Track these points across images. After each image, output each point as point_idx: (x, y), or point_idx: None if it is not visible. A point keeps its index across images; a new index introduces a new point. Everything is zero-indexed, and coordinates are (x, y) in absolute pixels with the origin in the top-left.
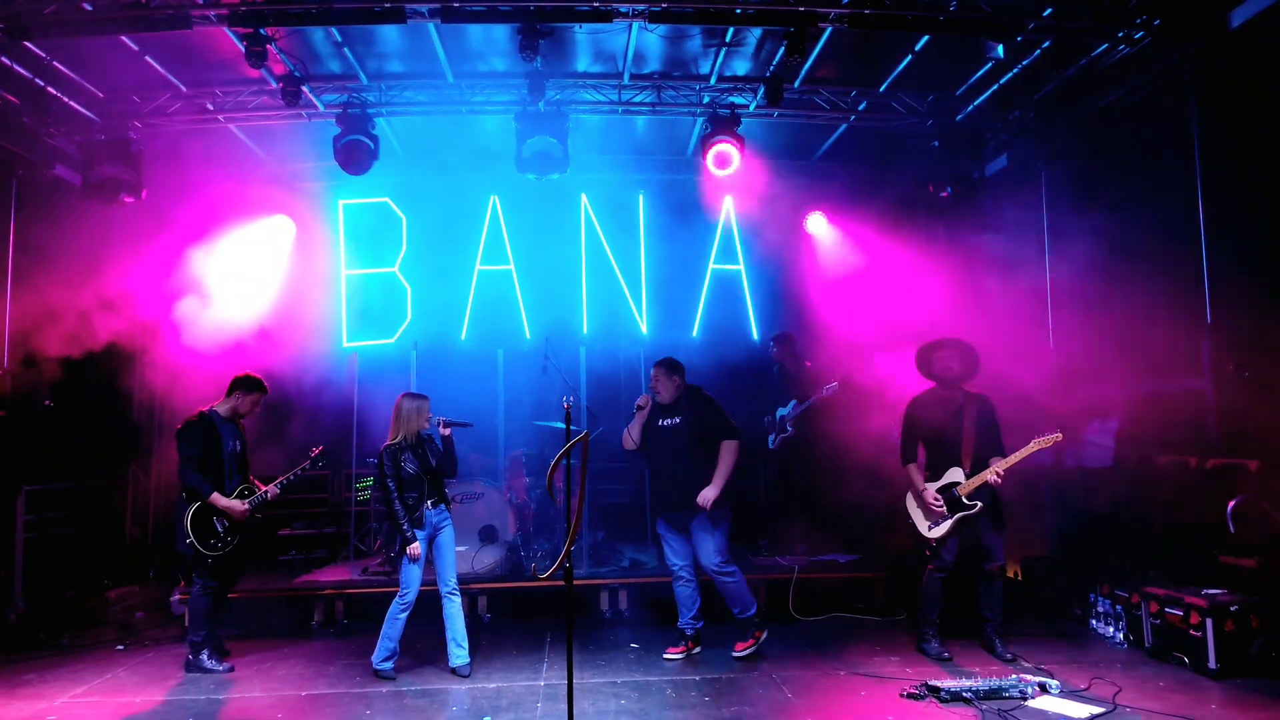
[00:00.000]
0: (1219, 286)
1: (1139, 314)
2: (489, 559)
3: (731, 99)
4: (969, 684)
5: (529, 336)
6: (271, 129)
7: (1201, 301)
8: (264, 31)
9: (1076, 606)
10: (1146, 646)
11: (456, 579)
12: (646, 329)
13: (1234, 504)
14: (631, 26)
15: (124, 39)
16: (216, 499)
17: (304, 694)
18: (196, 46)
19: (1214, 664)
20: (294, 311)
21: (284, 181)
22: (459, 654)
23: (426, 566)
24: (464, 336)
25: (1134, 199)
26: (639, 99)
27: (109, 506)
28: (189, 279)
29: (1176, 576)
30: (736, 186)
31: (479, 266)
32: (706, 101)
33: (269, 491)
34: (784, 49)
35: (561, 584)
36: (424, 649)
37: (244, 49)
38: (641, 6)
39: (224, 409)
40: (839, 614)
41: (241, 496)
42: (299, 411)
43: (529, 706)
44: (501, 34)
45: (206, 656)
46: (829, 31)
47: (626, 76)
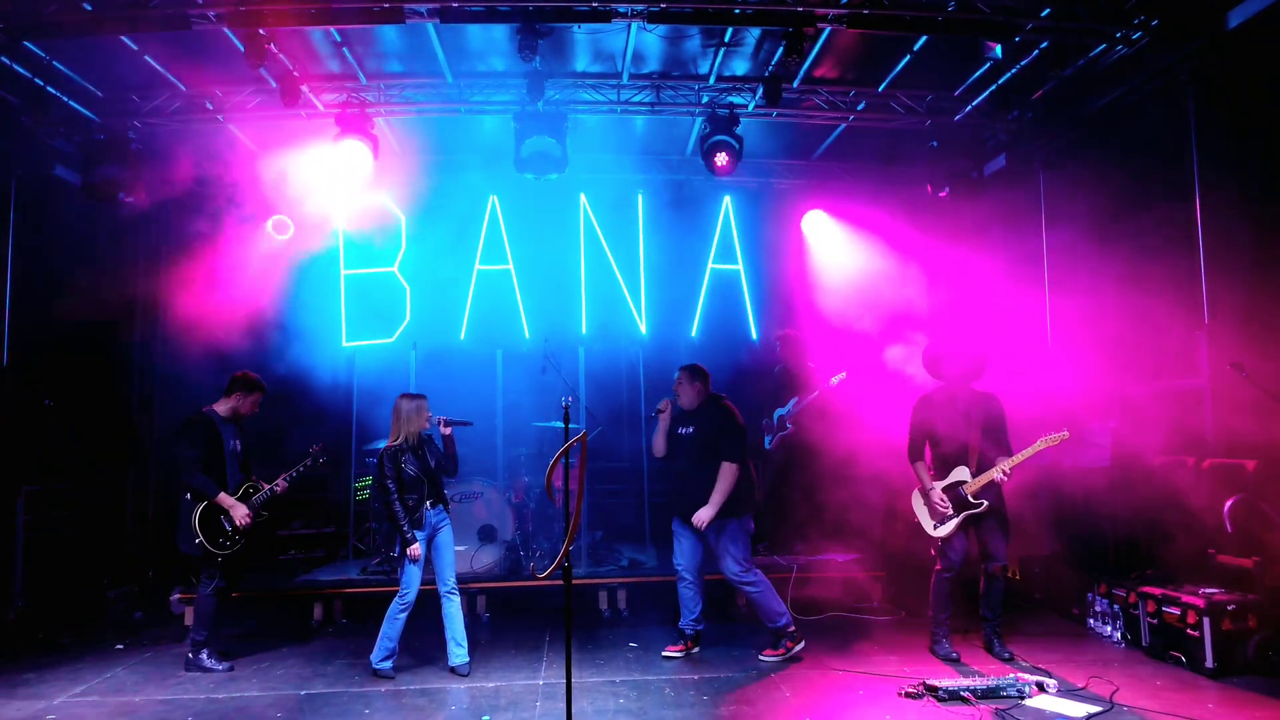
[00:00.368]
0: (1217, 286)
1: (1137, 314)
2: (488, 558)
3: (730, 99)
4: (967, 683)
5: (528, 336)
6: (271, 128)
7: (1199, 301)
8: (262, 31)
9: (1074, 605)
10: (1144, 645)
11: (455, 578)
12: (645, 329)
13: (1231, 503)
14: (630, 26)
15: (123, 39)
16: (223, 499)
17: (303, 693)
18: (196, 46)
19: (1211, 663)
20: (293, 311)
21: (283, 181)
22: (458, 653)
23: (425, 566)
24: (463, 336)
25: (1132, 199)
26: (638, 99)
27: (108, 506)
28: (188, 278)
29: (1174, 576)
30: (735, 186)
31: (478, 266)
32: (705, 101)
33: (277, 485)
34: (782, 49)
35: (560, 583)
36: (423, 648)
37: (243, 49)
38: (640, 6)
39: (224, 409)
40: (837, 613)
41: (245, 495)
42: (298, 411)
43: (527, 706)
44: (500, 34)
45: (206, 656)
46: (827, 31)
47: (625, 76)
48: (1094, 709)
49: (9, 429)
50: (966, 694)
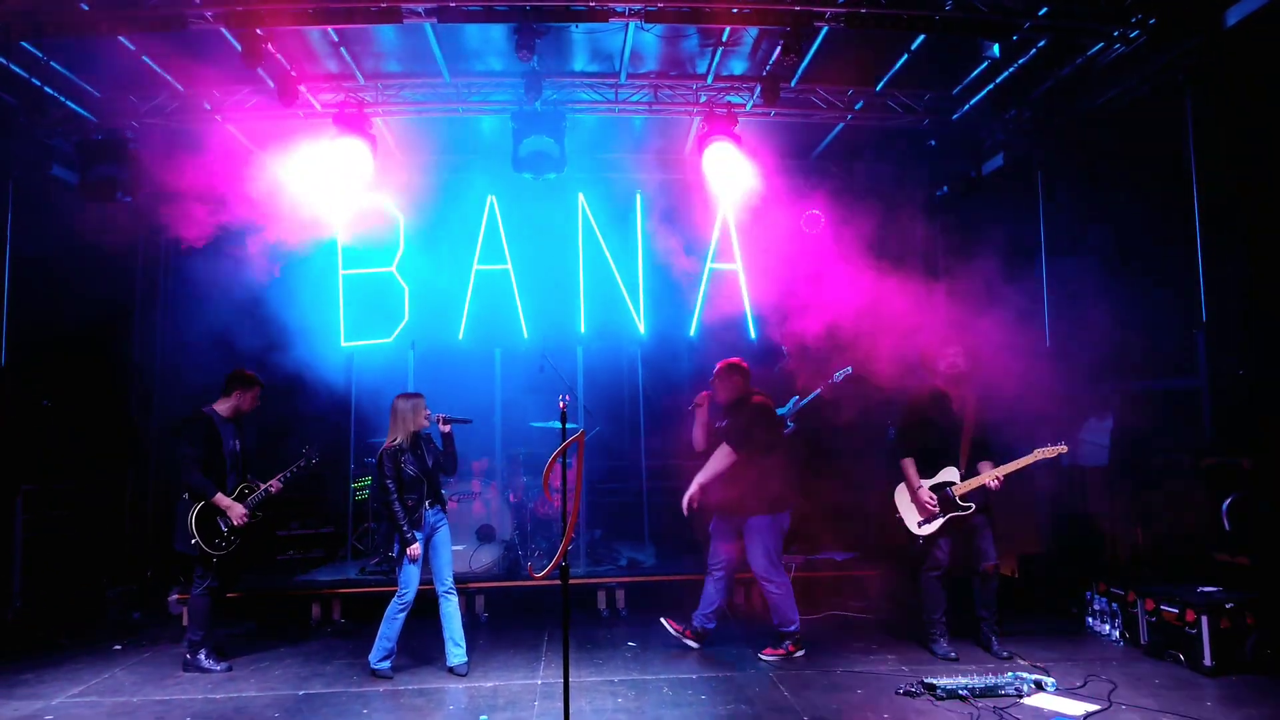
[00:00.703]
0: (1214, 285)
1: (1134, 312)
2: (486, 558)
3: (728, 98)
4: (965, 681)
5: (526, 336)
6: (269, 128)
7: (1197, 300)
8: (260, 31)
9: (1073, 604)
10: (1142, 644)
11: (453, 578)
12: (644, 328)
13: (1229, 502)
14: (628, 26)
15: (120, 39)
16: (220, 499)
17: (301, 693)
18: (193, 46)
19: (1209, 661)
20: (292, 311)
21: (281, 181)
22: (456, 653)
23: (423, 566)
24: (461, 336)
25: (1129, 197)
26: (636, 98)
27: (107, 506)
28: (186, 278)
29: (1172, 574)
30: (733, 186)
31: (476, 266)
32: (703, 101)
33: (272, 485)
34: (780, 48)
35: (559, 583)
36: (421, 648)
37: (240, 49)
38: (638, 6)
39: (224, 408)
40: (835, 612)
41: (242, 495)
42: (297, 411)
43: (526, 705)
44: (498, 33)
45: (204, 656)
46: (825, 31)
47: (623, 76)
48: (1092, 707)
49: (7, 429)
50: (964, 692)
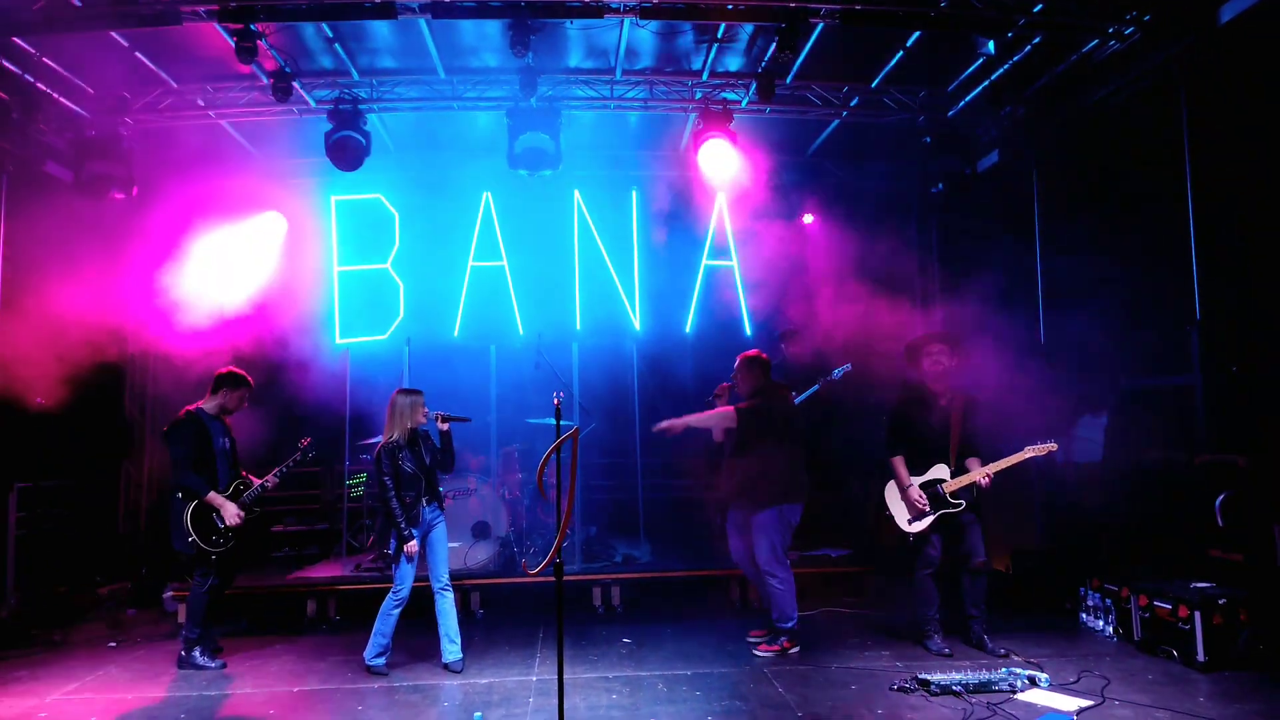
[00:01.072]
0: (1208, 282)
1: (1129, 309)
2: (482, 555)
3: (724, 95)
4: (958, 677)
5: (522, 333)
6: (263, 125)
7: (1191, 297)
8: (254, 27)
9: (1066, 600)
10: (1136, 640)
11: (449, 575)
12: (640, 325)
13: (1222, 498)
14: (623, 22)
15: (114, 35)
16: (213, 497)
17: (296, 690)
18: (187, 42)
19: (1202, 657)
20: (286, 308)
21: (276, 177)
22: (451, 650)
23: (419, 563)
24: (457, 333)
25: (1124, 195)
26: (631, 95)
27: (101, 503)
28: (181, 275)
29: (1166, 570)
30: (729, 182)
31: (472, 263)
32: (699, 97)
33: (268, 481)
34: (775, 45)
35: (554, 579)
36: (417, 645)
37: (234, 45)
38: (633, 2)
39: (211, 406)
40: (830, 608)
41: (236, 492)
42: (292, 408)
43: (520, 702)
44: (493, 29)
45: (199, 653)
46: (820, 27)
47: (619, 72)
48: (1085, 703)
49: (0, 427)
50: (958, 688)
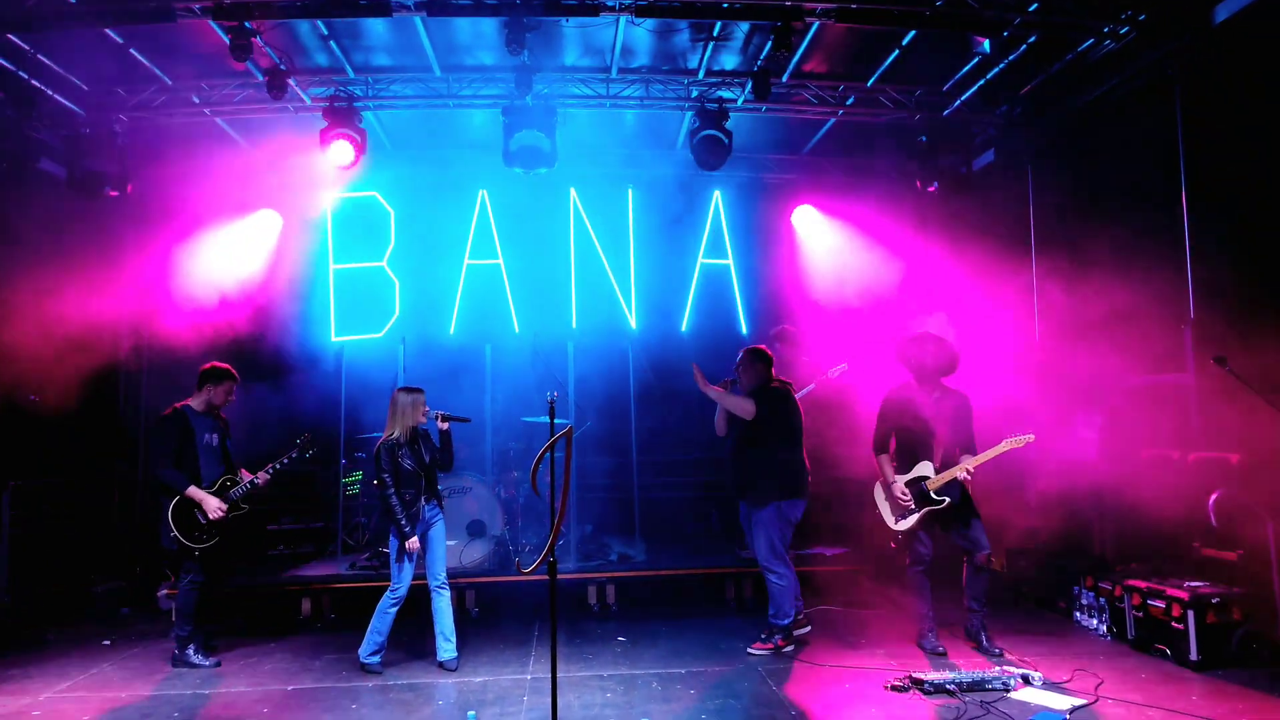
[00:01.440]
0: (1202, 281)
1: (1123, 308)
2: (477, 553)
3: (719, 93)
4: (952, 676)
5: (517, 331)
6: (258, 122)
7: (1185, 296)
8: (249, 24)
9: (1060, 599)
10: (1129, 638)
11: (446, 573)
12: (636, 323)
13: (1216, 497)
14: (619, 20)
15: (108, 32)
16: (193, 492)
17: (290, 688)
18: (181, 39)
19: (1195, 655)
20: (282, 305)
21: (271, 175)
22: (446, 648)
23: (416, 561)
24: (452, 331)
25: (1119, 194)
26: (627, 93)
27: (95, 501)
28: (175, 273)
29: (1159, 569)
30: (725, 181)
31: (467, 261)
32: (695, 96)
33: (259, 477)
34: (771, 43)
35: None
36: (412, 643)
37: (229, 42)
38: (628, 0)
39: (197, 403)
40: (824, 607)
41: (223, 488)
42: (285, 405)
43: (515, 700)
44: (489, 27)
45: (193, 651)
46: (816, 25)
47: (614, 71)
48: (1078, 701)
49: None
50: (952, 687)
